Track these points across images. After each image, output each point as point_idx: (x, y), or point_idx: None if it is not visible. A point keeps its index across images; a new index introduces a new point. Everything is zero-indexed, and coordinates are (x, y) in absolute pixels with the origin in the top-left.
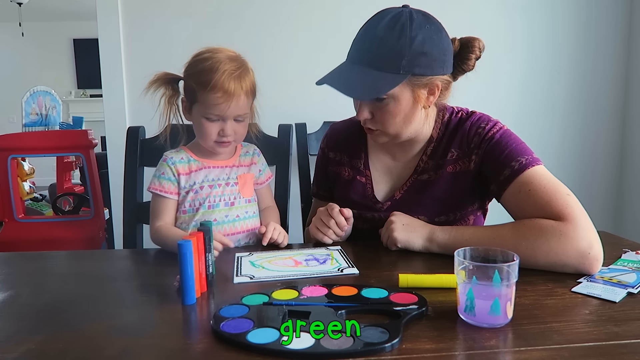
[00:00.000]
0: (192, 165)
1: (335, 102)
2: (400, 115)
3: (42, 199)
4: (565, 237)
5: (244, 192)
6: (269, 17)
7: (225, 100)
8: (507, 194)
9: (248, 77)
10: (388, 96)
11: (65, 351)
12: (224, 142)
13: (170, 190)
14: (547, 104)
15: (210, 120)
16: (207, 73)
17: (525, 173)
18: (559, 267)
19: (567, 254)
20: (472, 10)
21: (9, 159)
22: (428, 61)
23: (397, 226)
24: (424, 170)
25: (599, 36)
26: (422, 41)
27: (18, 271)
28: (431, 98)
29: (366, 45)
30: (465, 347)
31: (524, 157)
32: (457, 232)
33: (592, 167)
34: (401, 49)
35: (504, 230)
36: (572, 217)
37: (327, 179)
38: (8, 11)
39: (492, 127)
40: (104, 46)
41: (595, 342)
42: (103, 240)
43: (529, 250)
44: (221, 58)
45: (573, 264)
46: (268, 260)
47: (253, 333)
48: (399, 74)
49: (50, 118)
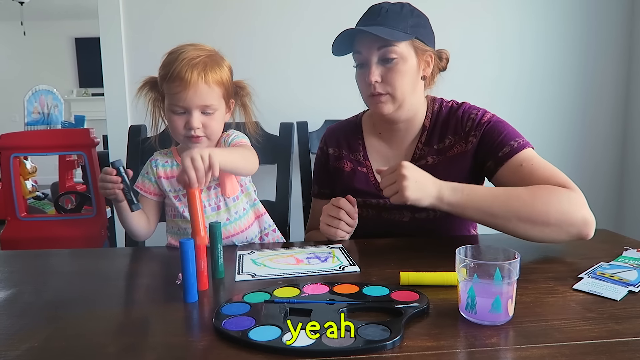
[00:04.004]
0: (174, 170)
1: (336, 100)
2: (408, 77)
3: (44, 197)
4: (574, 202)
5: (226, 192)
6: (271, 16)
7: (183, 89)
8: (506, 168)
9: (212, 68)
10: (397, 55)
11: (67, 348)
12: (193, 136)
13: (150, 190)
14: (548, 102)
15: (176, 113)
16: (168, 64)
17: (524, 151)
18: (564, 228)
19: (575, 216)
20: (471, 11)
21: (11, 158)
22: (425, 32)
23: (410, 184)
24: (421, 156)
25: (601, 35)
26: (419, 15)
27: (20, 269)
28: (428, 69)
29: (375, 14)
30: (467, 344)
31: (520, 138)
32: (470, 190)
33: (593, 165)
34: (405, 16)
35: (519, 190)
36: (576, 188)
37: (328, 176)
38: (10, 10)
39: (484, 113)
40: (105, 45)
41: (596, 340)
42: (105, 238)
43: (544, 206)
44: (186, 49)
45: (578, 226)
46: (269, 258)
47: (255, 331)
48: (407, 33)
49: (52, 117)
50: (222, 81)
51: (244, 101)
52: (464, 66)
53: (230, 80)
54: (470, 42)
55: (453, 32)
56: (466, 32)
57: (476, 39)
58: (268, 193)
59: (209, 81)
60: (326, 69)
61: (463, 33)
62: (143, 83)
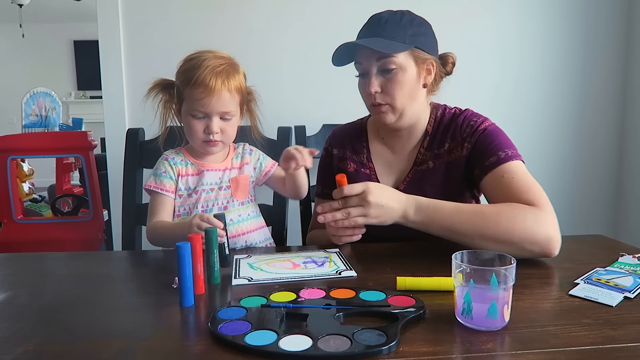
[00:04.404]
0: (189, 169)
1: (334, 105)
2: (407, 87)
3: (41, 200)
4: (540, 220)
5: (237, 195)
6: (269, 20)
7: (207, 95)
8: (489, 177)
9: (233, 76)
10: (396, 66)
11: (62, 353)
12: (211, 140)
13: (169, 188)
14: (544, 106)
15: (196, 117)
16: (191, 70)
17: (510, 163)
18: (527, 247)
19: (538, 235)
20: (469, 11)
21: (8, 160)
22: (426, 40)
23: (373, 211)
24: (423, 161)
25: (597, 37)
26: (420, 23)
27: (16, 272)
28: (429, 78)
29: (374, 25)
30: (463, 350)
31: (510, 150)
32: (435, 209)
33: (589, 171)
34: (405, 26)
35: (485, 208)
36: (544, 207)
37: (332, 176)
38: (9, 12)
39: (482, 121)
40: (104, 48)
41: (591, 346)
42: (102, 241)
43: (508, 225)
44: (207, 56)
45: (541, 245)
46: (266, 263)
47: (251, 335)
48: (406, 43)
49: (50, 119)
50: (240, 88)
51: (250, 106)
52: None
53: (245, 86)
54: (469, 43)
55: (452, 34)
56: (466, 33)
57: (476, 39)
58: (265, 197)
59: (230, 88)
60: (325, 74)
61: (462, 34)
62: (154, 84)
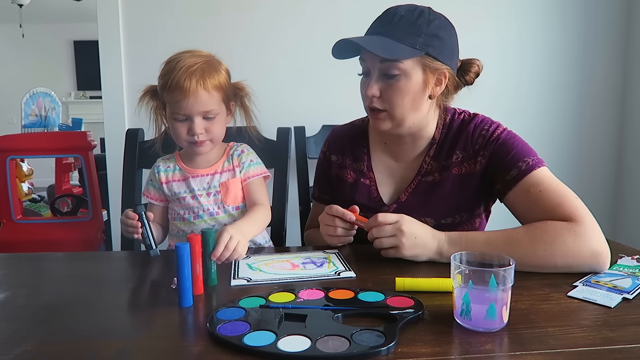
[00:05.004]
0: (176, 175)
1: (333, 105)
2: (409, 96)
3: (40, 200)
4: (580, 237)
5: (227, 201)
6: (269, 20)
7: (183, 97)
8: (514, 193)
9: (210, 74)
10: (400, 72)
11: (61, 353)
12: (197, 141)
13: (155, 197)
14: (544, 107)
15: (178, 120)
16: (167, 73)
17: (533, 174)
18: (574, 268)
19: (582, 254)
20: (469, 11)
21: (7, 160)
22: (441, 46)
23: (409, 241)
24: (428, 172)
25: (596, 38)
26: (438, 26)
27: (15, 272)
28: (437, 89)
29: (386, 21)
30: (461, 351)
31: (530, 157)
32: (467, 243)
33: (588, 173)
34: (419, 27)
35: (519, 234)
36: (582, 219)
37: (329, 183)
38: (9, 12)
39: (495, 128)
40: (104, 48)
41: (590, 347)
42: (101, 241)
43: (548, 252)
44: (183, 57)
45: (587, 263)
46: (265, 263)
47: (249, 336)
48: (415, 49)
49: (49, 119)
50: (221, 85)
51: (244, 102)
52: None
53: (229, 83)
54: (470, 44)
55: None
56: (466, 34)
57: (476, 41)
58: None
59: (207, 87)
60: (325, 75)
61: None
62: (144, 92)
